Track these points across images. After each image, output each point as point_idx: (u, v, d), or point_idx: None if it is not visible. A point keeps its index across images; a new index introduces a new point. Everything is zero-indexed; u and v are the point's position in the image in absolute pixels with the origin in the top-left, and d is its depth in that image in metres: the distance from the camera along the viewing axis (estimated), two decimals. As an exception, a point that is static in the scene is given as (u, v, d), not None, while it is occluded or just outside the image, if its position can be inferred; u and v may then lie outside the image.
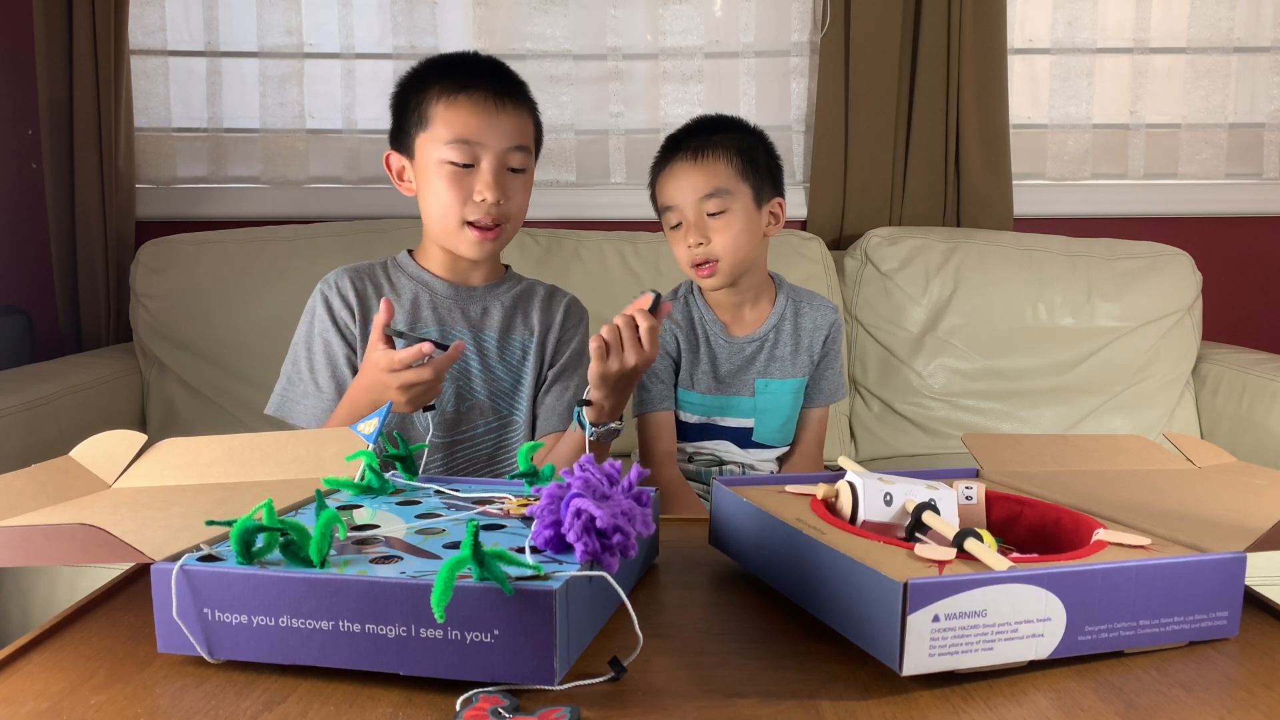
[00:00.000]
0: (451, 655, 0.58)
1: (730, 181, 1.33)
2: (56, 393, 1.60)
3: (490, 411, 1.23)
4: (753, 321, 1.43)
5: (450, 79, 1.18)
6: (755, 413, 1.41)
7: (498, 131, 1.16)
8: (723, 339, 1.41)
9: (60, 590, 1.32)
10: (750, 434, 1.42)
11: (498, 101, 1.17)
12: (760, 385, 1.41)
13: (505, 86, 1.19)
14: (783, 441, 1.45)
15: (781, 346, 1.42)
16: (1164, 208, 2.21)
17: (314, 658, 0.60)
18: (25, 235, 2.10)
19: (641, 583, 0.79)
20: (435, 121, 1.17)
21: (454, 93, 1.17)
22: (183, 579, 0.62)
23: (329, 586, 0.60)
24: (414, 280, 1.25)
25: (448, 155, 1.16)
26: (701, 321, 1.42)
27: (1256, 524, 0.72)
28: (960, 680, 0.61)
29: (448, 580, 0.55)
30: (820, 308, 1.45)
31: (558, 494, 0.67)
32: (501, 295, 1.27)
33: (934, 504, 0.74)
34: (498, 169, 1.17)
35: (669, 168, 1.36)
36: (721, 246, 1.32)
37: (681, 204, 1.34)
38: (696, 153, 1.33)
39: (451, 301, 1.24)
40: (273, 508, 0.64)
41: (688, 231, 1.33)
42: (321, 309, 1.22)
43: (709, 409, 1.41)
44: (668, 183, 1.36)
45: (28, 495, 0.80)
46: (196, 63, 2.14)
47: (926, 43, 2.06)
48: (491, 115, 1.16)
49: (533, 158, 1.23)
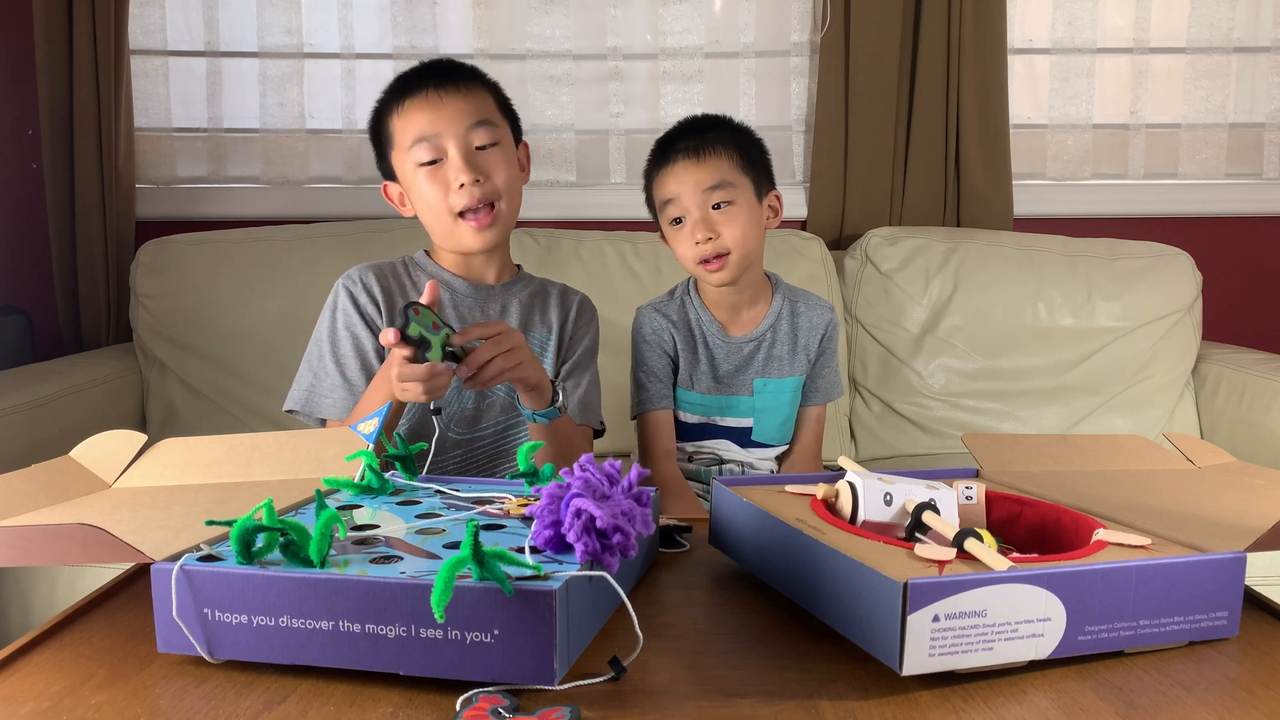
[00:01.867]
0: (451, 655, 0.58)
1: (733, 175, 1.33)
2: (56, 393, 1.60)
3: (510, 408, 1.24)
4: (750, 321, 1.42)
5: (398, 92, 1.22)
6: (754, 412, 1.41)
7: (448, 117, 1.18)
8: (720, 339, 1.41)
9: (60, 590, 1.32)
10: (750, 433, 1.42)
11: (439, 90, 1.19)
12: (759, 385, 1.41)
13: (448, 76, 1.21)
14: (781, 440, 1.45)
15: (779, 346, 1.42)
16: (1164, 208, 2.21)
17: (314, 658, 0.60)
18: (25, 235, 2.10)
19: (641, 583, 0.79)
20: (395, 133, 1.21)
21: (400, 101, 1.21)
22: (183, 579, 0.62)
23: (329, 586, 0.60)
24: (433, 279, 1.25)
25: (417, 157, 1.19)
26: (699, 322, 1.42)
27: (1256, 524, 0.72)
28: (960, 680, 0.61)
29: (448, 580, 0.55)
30: (816, 307, 1.45)
31: (558, 494, 0.67)
32: (519, 294, 1.29)
33: (934, 504, 0.74)
34: (465, 151, 1.18)
35: (669, 167, 1.35)
36: (731, 238, 1.32)
37: (685, 199, 1.33)
38: (696, 150, 1.33)
39: (472, 300, 1.25)
40: (273, 508, 0.64)
41: (694, 228, 1.32)
42: (347, 302, 1.23)
43: (708, 409, 1.41)
44: (669, 180, 1.35)
45: (28, 495, 0.80)
46: (196, 63, 2.14)
47: (926, 43, 2.06)
48: (437, 105, 1.19)
49: (502, 127, 1.23)
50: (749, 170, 1.34)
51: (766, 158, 1.39)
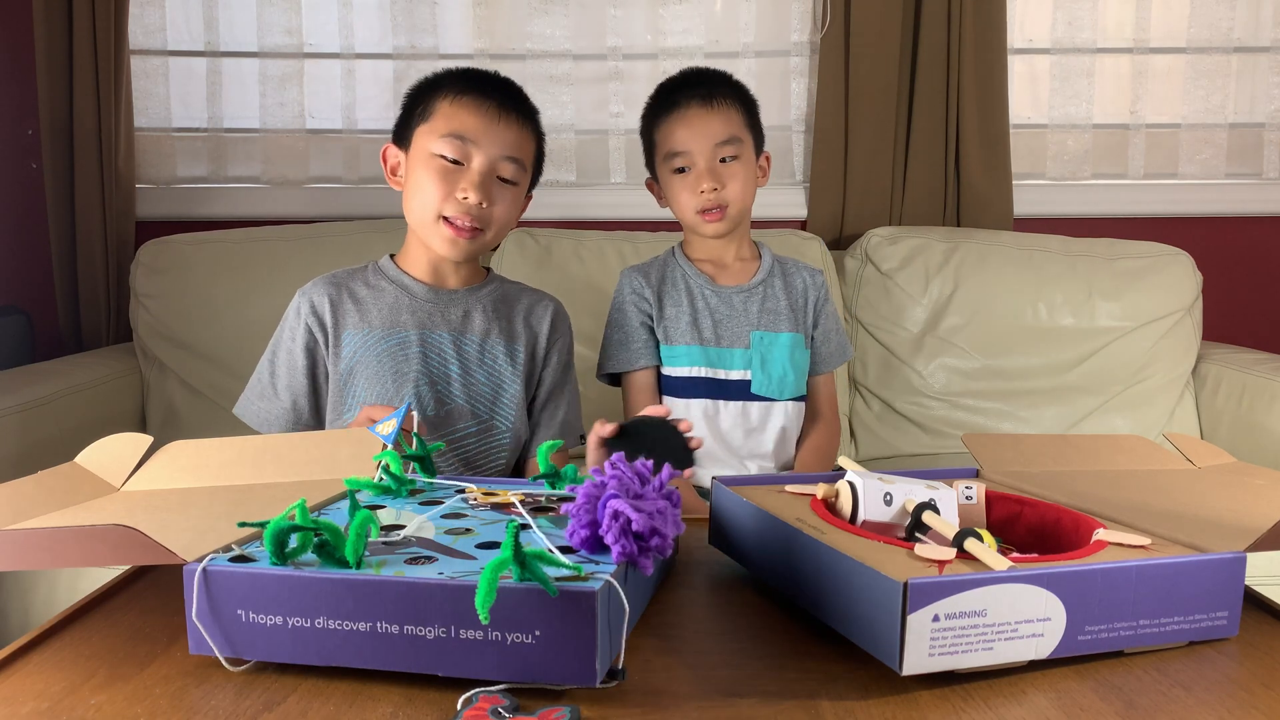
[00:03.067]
0: (492, 656, 0.58)
1: (740, 130, 1.36)
2: (56, 393, 1.60)
3: (470, 415, 1.23)
4: (740, 273, 1.44)
5: (463, 82, 1.21)
6: (752, 365, 1.40)
7: (494, 136, 1.18)
8: (710, 289, 1.41)
9: (60, 590, 1.32)
10: (749, 387, 1.40)
11: (501, 108, 1.20)
12: (756, 338, 1.40)
13: (514, 100, 1.22)
14: (783, 394, 1.41)
15: (774, 300, 1.43)
16: (1164, 208, 2.21)
17: (350, 659, 0.60)
18: (25, 235, 2.10)
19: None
20: (437, 115, 1.20)
21: (461, 92, 1.20)
22: (216, 580, 0.61)
23: (367, 588, 0.59)
24: (394, 284, 1.25)
25: (441, 149, 1.18)
26: (685, 277, 1.42)
27: (1256, 524, 0.72)
28: (960, 680, 0.61)
29: (491, 581, 0.55)
30: (804, 269, 1.47)
31: (594, 494, 0.67)
32: (483, 299, 1.27)
33: (934, 504, 0.74)
34: (486, 171, 1.18)
35: (679, 112, 1.36)
36: (733, 192, 1.35)
37: (695, 150, 1.35)
38: (708, 99, 1.35)
39: (431, 305, 1.24)
40: (305, 508, 0.63)
41: (700, 178, 1.34)
42: (294, 318, 1.24)
43: (697, 360, 1.39)
44: (679, 128, 1.36)
45: (37, 501, 0.79)
46: (196, 63, 2.14)
47: (926, 43, 2.06)
48: (492, 119, 1.19)
49: (527, 174, 1.24)
50: (751, 128, 1.39)
51: (760, 119, 1.43)
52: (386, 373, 1.20)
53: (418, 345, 1.21)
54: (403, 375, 1.20)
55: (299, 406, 1.22)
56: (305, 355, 1.22)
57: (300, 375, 1.22)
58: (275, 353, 1.24)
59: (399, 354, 1.21)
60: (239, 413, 1.25)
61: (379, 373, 1.20)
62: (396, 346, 1.21)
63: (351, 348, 1.21)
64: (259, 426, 1.23)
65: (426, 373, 1.21)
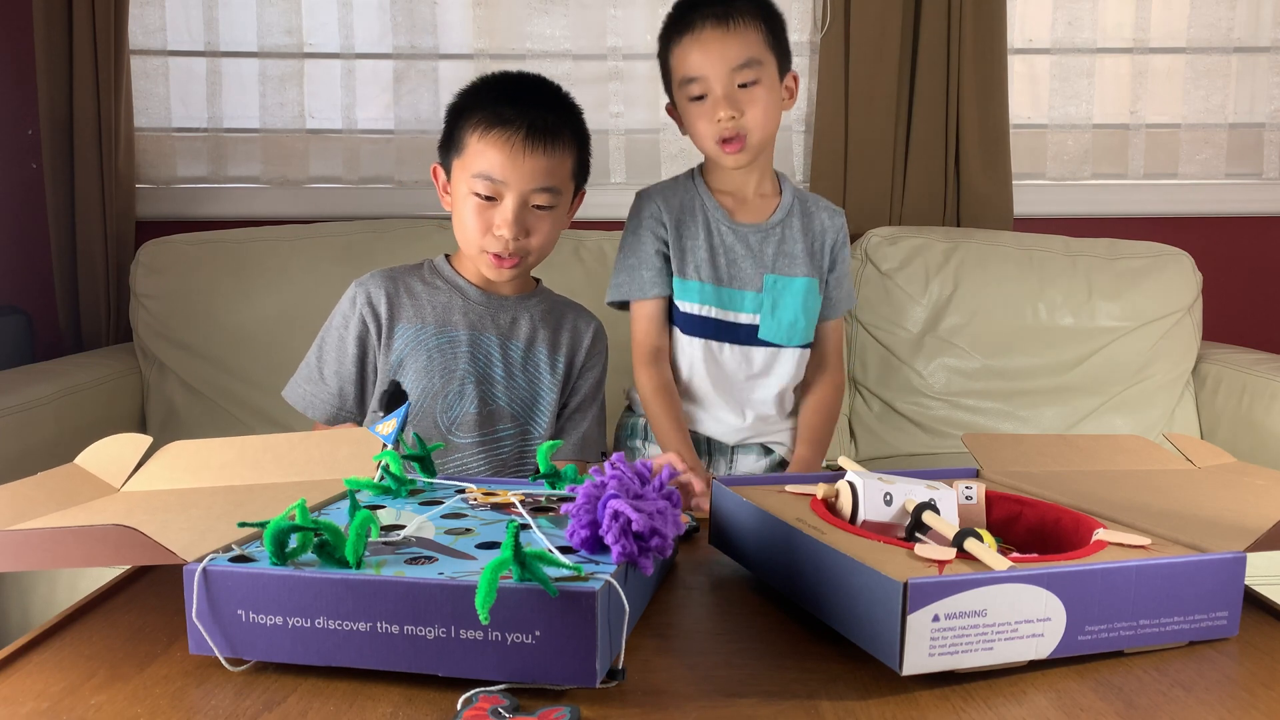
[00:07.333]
0: (492, 656, 0.58)
1: (761, 51, 1.28)
2: (56, 393, 1.60)
3: (510, 418, 1.26)
4: (758, 211, 1.38)
5: (490, 108, 1.18)
6: (762, 309, 1.35)
7: (522, 173, 1.17)
8: (727, 225, 1.36)
9: (60, 590, 1.32)
10: (755, 332, 1.36)
11: (529, 143, 1.17)
12: (769, 281, 1.35)
13: (543, 124, 1.18)
14: (790, 341, 1.38)
15: (791, 243, 1.37)
16: (1164, 208, 2.21)
17: (350, 659, 0.60)
18: (25, 235, 2.10)
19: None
20: (467, 151, 1.19)
21: (489, 125, 1.17)
22: (216, 580, 0.61)
23: (367, 588, 0.59)
24: (448, 284, 1.28)
25: (474, 187, 1.18)
26: (703, 208, 1.37)
27: (1256, 524, 0.72)
28: (960, 680, 0.61)
29: (491, 582, 0.55)
30: (827, 209, 1.41)
31: (594, 494, 0.67)
32: (531, 308, 1.30)
33: (934, 504, 0.74)
34: (519, 207, 1.18)
35: (693, 34, 1.28)
36: (753, 120, 1.28)
37: (711, 75, 1.27)
38: (725, 19, 1.26)
39: (483, 308, 1.27)
40: (305, 508, 0.63)
41: (717, 105, 1.27)
42: (348, 307, 1.26)
43: (709, 299, 1.35)
44: (693, 51, 1.28)
45: (37, 502, 0.79)
46: (196, 63, 2.14)
47: (926, 43, 2.06)
48: (518, 157, 1.16)
49: (565, 193, 1.23)
50: (774, 47, 1.30)
51: (787, 35, 1.35)
52: (435, 368, 1.22)
53: (467, 345, 1.24)
54: (450, 372, 1.23)
55: (345, 394, 1.24)
56: (356, 344, 1.24)
57: (349, 364, 1.24)
58: (324, 340, 1.27)
59: (449, 351, 1.23)
60: (287, 395, 1.27)
61: (428, 367, 1.22)
62: (447, 344, 1.23)
63: (404, 340, 1.23)
64: (305, 410, 1.25)
65: (474, 372, 1.23)
